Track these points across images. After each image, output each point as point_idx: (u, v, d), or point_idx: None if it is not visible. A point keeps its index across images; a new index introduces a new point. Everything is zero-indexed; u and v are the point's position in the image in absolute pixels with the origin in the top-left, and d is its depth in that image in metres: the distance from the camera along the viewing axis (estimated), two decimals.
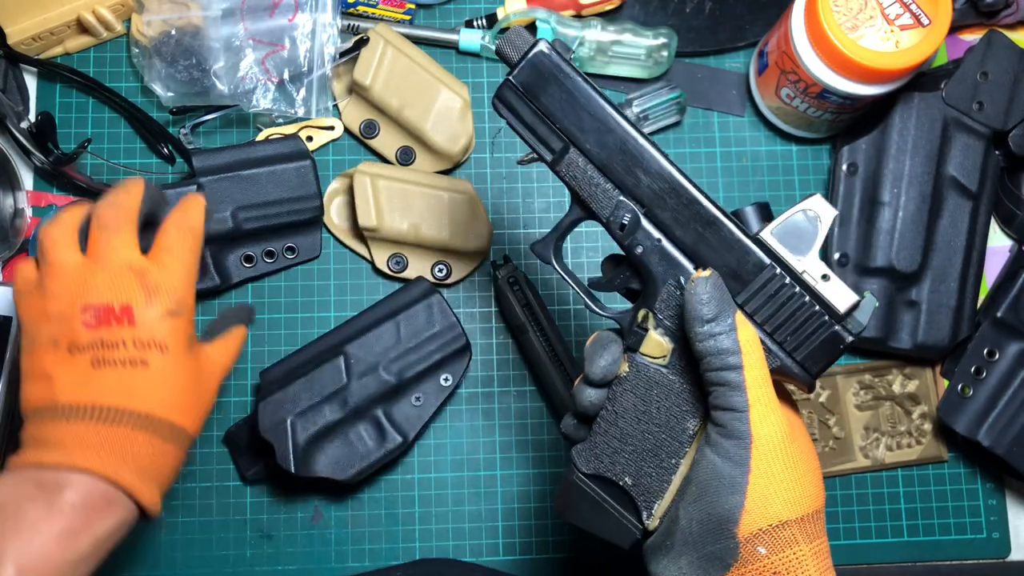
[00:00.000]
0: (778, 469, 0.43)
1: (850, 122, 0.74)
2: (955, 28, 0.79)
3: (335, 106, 0.76)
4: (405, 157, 0.75)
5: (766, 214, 0.74)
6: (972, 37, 0.79)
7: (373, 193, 0.71)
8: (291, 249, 0.73)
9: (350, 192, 0.73)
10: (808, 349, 0.45)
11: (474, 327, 0.75)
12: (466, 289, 0.75)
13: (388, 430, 0.68)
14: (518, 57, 0.48)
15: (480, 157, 0.77)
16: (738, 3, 0.78)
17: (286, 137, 0.72)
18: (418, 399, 0.70)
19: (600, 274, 0.53)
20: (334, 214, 0.75)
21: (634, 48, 0.75)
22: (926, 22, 0.66)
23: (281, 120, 0.75)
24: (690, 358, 0.46)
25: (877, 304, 0.51)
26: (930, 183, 0.72)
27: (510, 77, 0.49)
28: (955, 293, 0.73)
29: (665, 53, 0.75)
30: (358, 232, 0.74)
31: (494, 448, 0.74)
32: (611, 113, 0.47)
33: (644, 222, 0.48)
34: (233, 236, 0.71)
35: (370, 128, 0.75)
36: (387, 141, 0.75)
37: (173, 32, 0.72)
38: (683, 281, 0.47)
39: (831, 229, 0.73)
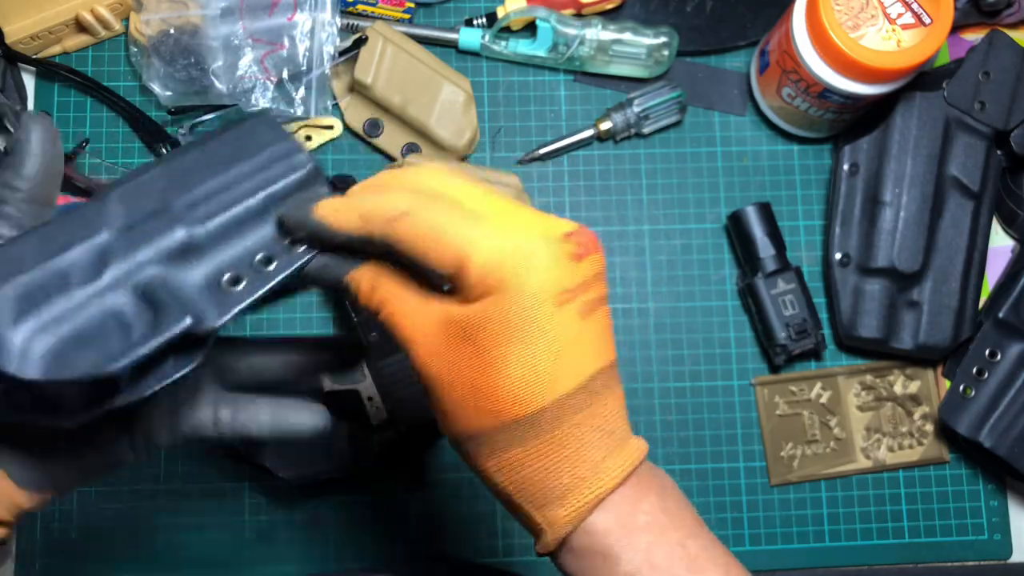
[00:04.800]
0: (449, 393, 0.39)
1: (851, 122, 0.74)
2: (957, 27, 0.78)
3: (335, 105, 0.76)
4: (410, 153, 0.75)
5: (766, 214, 0.73)
6: (974, 36, 0.79)
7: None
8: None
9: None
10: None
11: None
12: None
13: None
14: None
15: (480, 156, 0.77)
16: (739, 2, 0.78)
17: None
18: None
19: None
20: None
21: (635, 47, 0.75)
22: (928, 21, 0.66)
23: (280, 119, 0.75)
24: None
25: None
26: (932, 183, 0.72)
27: None
28: (957, 294, 0.73)
29: (666, 52, 0.75)
30: None
31: None
32: None
33: None
34: (186, 248, 0.39)
35: (374, 127, 0.75)
36: (391, 139, 0.75)
37: (172, 31, 0.72)
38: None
39: (832, 229, 0.74)
